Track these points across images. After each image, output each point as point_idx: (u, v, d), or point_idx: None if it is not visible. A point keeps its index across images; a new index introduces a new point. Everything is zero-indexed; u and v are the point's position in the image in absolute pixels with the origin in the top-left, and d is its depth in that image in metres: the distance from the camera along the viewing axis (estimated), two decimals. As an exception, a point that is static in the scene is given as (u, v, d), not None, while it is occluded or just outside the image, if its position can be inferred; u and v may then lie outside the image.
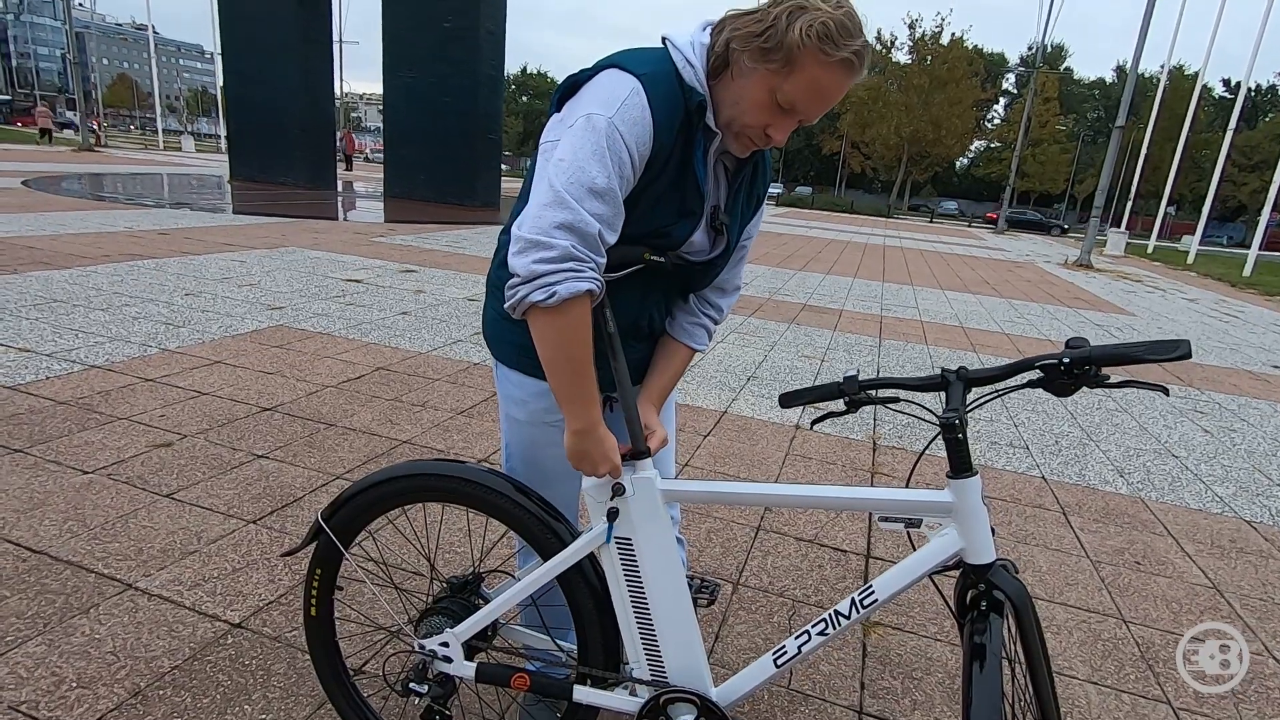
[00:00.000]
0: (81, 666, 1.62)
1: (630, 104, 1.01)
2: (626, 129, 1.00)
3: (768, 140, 1.08)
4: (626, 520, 1.17)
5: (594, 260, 1.01)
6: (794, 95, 1.02)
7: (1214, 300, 12.81)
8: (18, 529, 2.13)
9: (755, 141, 1.09)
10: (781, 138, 1.07)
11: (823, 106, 1.04)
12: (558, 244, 0.97)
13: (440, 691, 1.30)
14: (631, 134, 1.01)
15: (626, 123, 1.00)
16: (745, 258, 1.36)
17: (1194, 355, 7.12)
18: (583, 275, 0.99)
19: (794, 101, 1.02)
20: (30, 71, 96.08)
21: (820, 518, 2.73)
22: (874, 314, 7.46)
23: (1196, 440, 4.22)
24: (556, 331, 1.02)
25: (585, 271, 0.99)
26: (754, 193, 1.26)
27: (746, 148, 1.11)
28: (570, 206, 0.98)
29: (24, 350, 3.71)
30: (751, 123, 1.06)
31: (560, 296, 0.98)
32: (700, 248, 1.22)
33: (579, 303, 1.00)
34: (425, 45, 14.16)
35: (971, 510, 1.03)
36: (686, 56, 1.06)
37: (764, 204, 1.31)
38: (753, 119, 1.06)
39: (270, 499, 2.46)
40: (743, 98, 1.05)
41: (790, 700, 1.75)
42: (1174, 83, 35.06)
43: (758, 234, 1.36)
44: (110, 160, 21.95)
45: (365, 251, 8.21)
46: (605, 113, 1.00)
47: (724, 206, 1.20)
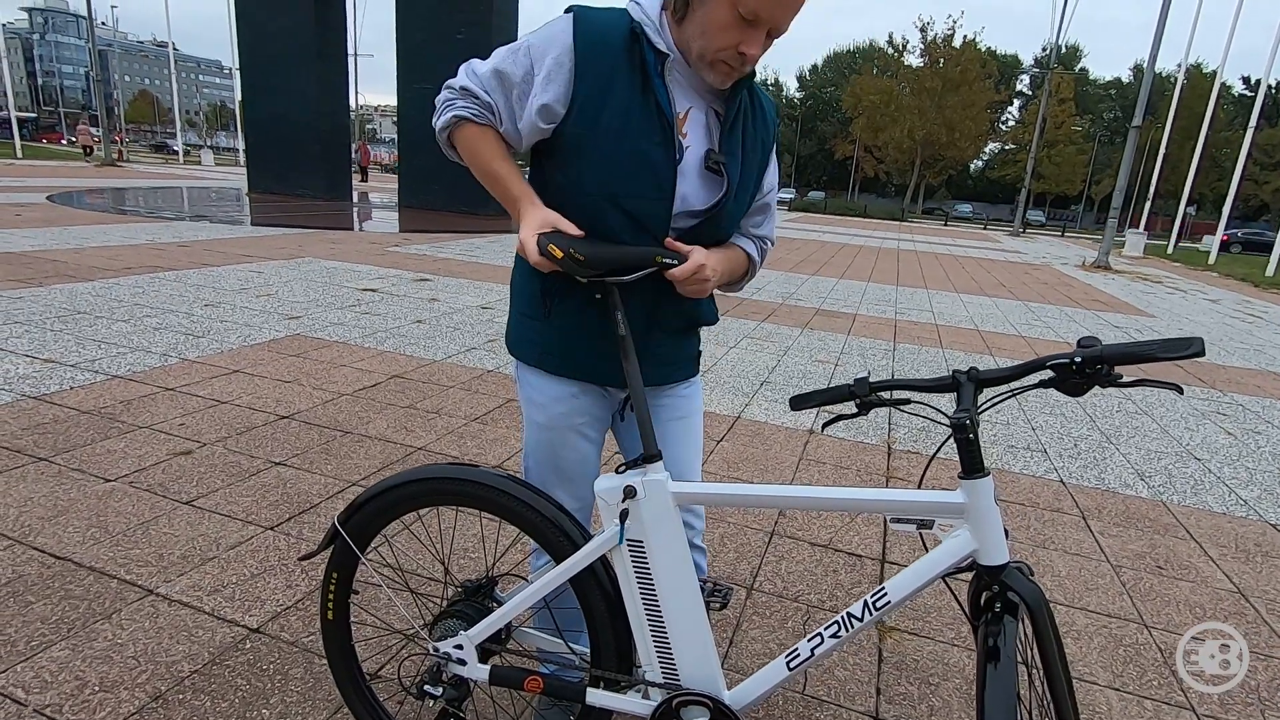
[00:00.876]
0: (104, 671, 1.65)
1: (549, 26, 1.18)
2: (536, 40, 1.18)
3: (743, 60, 1.11)
4: (638, 522, 1.18)
5: (463, 98, 1.21)
6: (754, 3, 1.05)
7: (1236, 301, 12.61)
8: (42, 536, 2.17)
9: (731, 64, 1.12)
10: (756, 51, 1.10)
11: (785, 9, 1.08)
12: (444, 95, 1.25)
13: (455, 694, 1.31)
14: (540, 44, 1.16)
15: (538, 37, 1.18)
16: (772, 209, 1.37)
17: (1217, 357, 7.04)
18: (452, 106, 1.22)
19: (755, 10, 1.06)
20: (55, 89, 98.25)
21: (834, 522, 2.71)
22: (888, 318, 7.41)
23: (1219, 442, 4.15)
24: (464, 157, 1.27)
25: (455, 103, 1.22)
26: (757, 134, 1.26)
27: (726, 75, 1.14)
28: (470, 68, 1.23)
29: (49, 361, 3.79)
30: (722, 44, 1.10)
31: (438, 127, 1.24)
32: (701, 195, 1.22)
33: (462, 130, 1.23)
34: (439, 57, 14.30)
35: (984, 511, 1.02)
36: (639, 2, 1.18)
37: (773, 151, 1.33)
38: (722, 40, 1.09)
39: (288, 506, 2.49)
40: (708, 24, 1.09)
41: (806, 706, 1.74)
42: (1192, 81, 34.65)
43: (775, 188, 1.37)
44: (132, 175, 22.37)
45: (380, 261, 8.30)
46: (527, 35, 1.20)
47: (719, 148, 1.21)
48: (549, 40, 1.15)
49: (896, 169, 53.35)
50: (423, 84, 14.70)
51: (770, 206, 1.37)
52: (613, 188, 1.17)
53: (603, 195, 1.17)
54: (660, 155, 1.16)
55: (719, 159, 1.20)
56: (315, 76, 15.90)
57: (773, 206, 1.38)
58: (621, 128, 1.15)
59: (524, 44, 1.18)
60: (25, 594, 1.89)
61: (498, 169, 1.23)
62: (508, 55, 1.19)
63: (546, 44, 1.15)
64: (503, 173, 1.22)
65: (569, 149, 1.18)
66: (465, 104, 1.21)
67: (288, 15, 15.60)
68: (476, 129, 1.22)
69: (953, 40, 47.73)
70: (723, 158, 1.21)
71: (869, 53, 60.42)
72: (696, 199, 1.22)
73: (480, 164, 1.24)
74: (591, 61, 1.14)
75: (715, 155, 1.20)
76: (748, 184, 1.27)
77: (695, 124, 1.21)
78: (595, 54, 1.14)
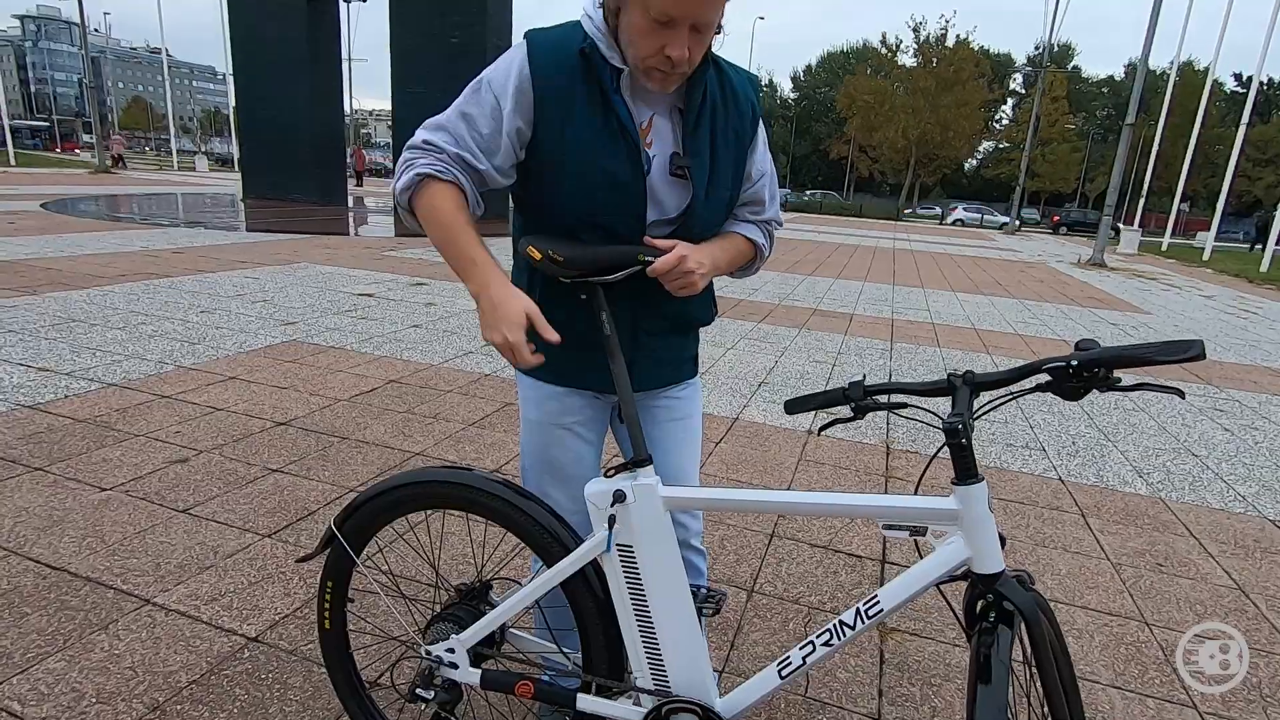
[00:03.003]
0: (101, 682, 1.64)
1: (504, 58, 1.17)
2: (493, 75, 1.16)
3: (671, 63, 1.07)
4: (627, 527, 1.17)
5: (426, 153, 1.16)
6: (661, 3, 1.02)
7: (1231, 297, 12.64)
8: (38, 546, 2.15)
9: (663, 69, 1.08)
10: (680, 52, 1.05)
11: (697, 3, 1.02)
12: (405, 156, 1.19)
13: (447, 698, 1.31)
14: (499, 79, 1.15)
15: (495, 71, 1.16)
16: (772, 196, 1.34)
17: (1214, 353, 7.04)
18: (413, 165, 1.17)
19: (665, 9, 1.02)
20: (48, 96, 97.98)
21: (834, 524, 2.71)
22: (885, 317, 7.42)
23: (1217, 439, 4.16)
24: (421, 219, 1.19)
25: (417, 161, 1.16)
26: (729, 125, 1.22)
27: (662, 82, 1.11)
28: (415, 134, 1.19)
29: (43, 370, 3.77)
30: (646, 51, 1.07)
31: (399, 188, 1.18)
32: (665, 198, 1.20)
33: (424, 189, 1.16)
34: (433, 61, 14.31)
35: (977, 518, 1.01)
36: (587, 11, 1.15)
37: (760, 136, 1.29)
38: (646, 47, 1.06)
39: (285, 513, 2.47)
40: (631, 31, 1.07)
41: (808, 708, 1.73)
42: (1184, 78, 34.73)
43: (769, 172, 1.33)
44: (126, 182, 22.31)
45: (376, 266, 8.28)
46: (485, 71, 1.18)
47: (684, 150, 1.18)
48: (506, 72, 1.14)
49: (891, 168, 53.47)
50: (416, 88, 14.69)
51: (765, 192, 1.33)
52: (586, 207, 1.17)
53: (577, 215, 1.18)
54: (628, 172, 1.15)
55: (683, 163, 1.18)
56: (309, 82, 15.89)
57: (767, 191, 1.34)
58: (587, 149, 1.14)
59: (483, 80, 1.17)
60: (21, 605, 1.88)
61: (459, 229, 1.15)
62: (470, 96, 1.17)
63: (504, 76, 1.14)
64: (466, 235, 1.15)
65: (540, 173, 1.18)
66: (428, 161, 1.16)
67: (281, 21, 15.60)
68: (441, 186, 1.16)
69: (946, 40, 47.90)
70: (687, 161, 1.18)
71: (863, 53, 60.57)
72: (668, 206, 1.21)
73: (442, 222, 1.15)
74: (550, 87, 1.13)
75: (679, 159, 1.18)
76: (721, 181, 1.24)
77: (659, 130, 1.18)
78: (552, 79, 1.13)
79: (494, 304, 1.11)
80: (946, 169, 54.12)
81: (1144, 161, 31.99)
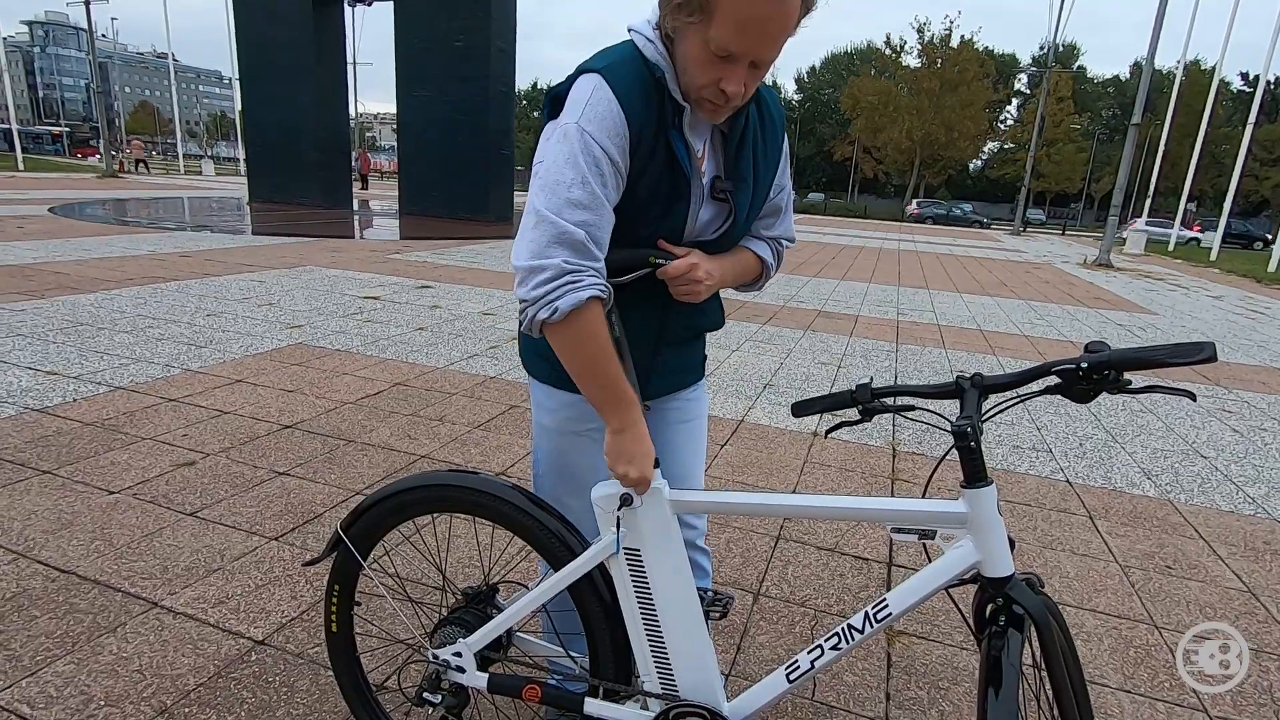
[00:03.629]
0: (109, 685, 1.64)
1: (595, 100, 1.03)
2: (596, 126, 1.02)
3: (725, 97, 1.03)
4: (635, 531, 1.17)
5: (589, 267, 1.04)
6: (723, 38, 0.97)
7: (1239, 297, 12.57)
8: (46, 549, 2.16)
9: (715, 101, 1.05)
10: (736, 88, 1.02)
11: (762, 40, 0.98)
12: (550, 263, 1.01)
13: (454, 701, 1.30)
14: (602, 129, 1.02)
15: (595, 119, 1.02)
16: (787, 208, 1.33)
17: (1222, 354, 7.00)
18: (581, 285, 1.02)
19: (726, 44, 0.97)
20: (56, 101, 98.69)
21: (841, 526, 2.70)
22: (890, 319, 7.40)
23: (1226, 440, 4.13)
24: (572, 343, 1.06)
25: (584, 280, 1.02)
26: (767, 148, 1.21)
27: (713, 113, 1.08)
28: (553, 222, 1.01)
29: (52, 373, 3.79)
30: (702, 82, 1.03)
31: (563, 311, 1.02)
32: (710, 224, 1.20)
33: (585, 311, 1.03)
34: (437, 64, 14.35)
35: (987, 521, 1.00)
36: (646, 35, 1.08)
37: (784, 152, 1.27)
38: (701, 78, 1.03)
39: (292, 516, 2.48)
40: (687, 61, 1.03)
41: (815, 712, 1.73)
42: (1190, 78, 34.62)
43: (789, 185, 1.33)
44: (133, 185, 22.43)
45: (382, 269, 8.31)
46: (573, 118, 1.03)
47: (724, 173, 1.17)
48: (606, 118, 1.03)
49: (896, 169, 53.39)
50: (421, 91, 14.74)
51: (783, 207, 1.33)
52: (636, 235, 1.14)
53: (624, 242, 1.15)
54: (681, 213, 1.15)
55: (725, 187, 1.17)
56: (314, 85, 15.96)
57: (785, 206, 1.34)
58: (651, 191, 1.11)
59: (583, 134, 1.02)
60: (30, 608, 1.88)
61: (612, 361, 1.08)
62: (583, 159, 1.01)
63: (606, 124, 1.03)
64: (617, 369, 1.09)
65: None
66: (593, 279, 1.02)
67: (286, 25, 15.67)
68: (598, 308, 1.04)
69: (950, 40, 47.82)
70: (729, 185, 1.17)
71: (867, 54, 60.52)
72: (706, 230, 1.20)
73: (595, 356, 1.06)
74: (642, 132, 1.06)
75: (722, 184, 1.16)
76: (757, 205, 1.24)
77: (708, 155, 1.18)
78: (641, 122, 1.06)
79: (637, 441, 1.12)
80: (951, 170, 53.97)
81: (1150, 161, 31.84)
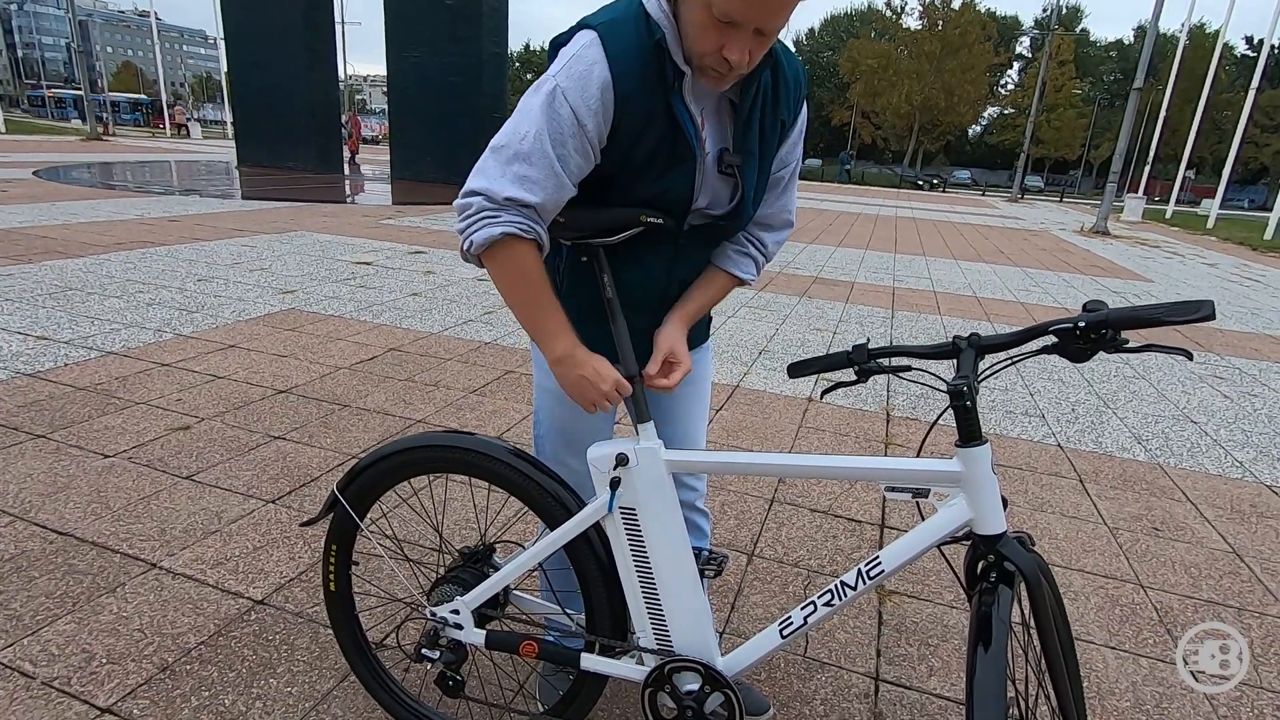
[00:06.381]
0: (110, 643, 1.66)
1: (581, 57, 1.01)
2: (572, 85, 1.01)
3: (727, 65, 0.99)
4: (630, 490, 1.17)
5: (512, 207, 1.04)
6: (725, 2, 0.93)
7: (1234, 264, 12.58)
8: (43, 512, 2.17)
9: (718, 69, 1.01)
10: (739, 56, 0.97)
11: (765, 8, 0.94)
12: (473, 200, 1.05)
13: (452, 658, 1.33)
14: (578, 89, 1.01)
15: (574, 78, 1.01)
16: (791, 188, 1.27)
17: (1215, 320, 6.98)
18: (497, 220, 1.04)
19: (728, 9, 0.93)
20: (36, 61, 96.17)
21: (834, 489, 2.72)
22: (886, 285, 7.39)
23: (1216, 405, 4.17)
24: (496, 276, 1.10)
25: (501, 217, 1.04)
26: (778, 117, 1.15)
27: (716, 81, 1.04)
28: (484, 173, 1.05)
29: (42, 338, 3.76)
30: (704, 49, 0.99)
31: (477, 244, 1.05)
32: (719, 198, 1.16)
33: (504, 246, 1.06)
34: (428, 25, 14.00)
35: (981, 479, 1.01)
36: None
37: (800, 124, 1.20)
38: (703, 44, 0.98)
39: (288, 479, 2.49)
40: (690, 26, 0.99)
41: (807, 668, 1.76)
42: (1194, 42, 34.11)
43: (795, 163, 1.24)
44: (118, 149, 22.02)
45: (374, 234, 8.22)
46: (554, 72, 1.03)
47: (734, 146, 1.13)
48: (584, 79, 1.00)
49: (894, 135, 52.77)
50: (413, 53, 14.41)
51: (784, 184, 1.24)
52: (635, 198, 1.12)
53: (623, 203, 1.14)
54: (682, 178, 1.11)
55: (733, 160, 1.12)
56: (303, 46, 15.55)
57: (786, 183, 1.25)
58: (650, 161, 1.08)
59: (556, 90, 1.01)
60: (29, 569, 1.89)
61: (541, 293, 1.10)
62: (546, 114, 1.01)
63: (581, 85, 1.00)
64: (547, 301, 1.11)
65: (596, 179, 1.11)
66: (512, 216, 1.04)
67: (272, -18, 15.22)
68: (523, 246, 1.06)
69: (951, 2, 46.86)
70: (737, 159, 1.12)
71: (867, 16, 59.38)
72: (716, 204, 1.17)
73: (518, 288, 1.10)
74: (631, 96, 1.03)
75: (729, 157, 1.12)
76: (763, 181, 1.19)
77: (710, 123, 1.12)
78: (632, 85, 1.02)
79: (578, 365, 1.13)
80: (950, 135, 53.38)
81: (1151, 128, 31.54)
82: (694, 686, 1.22)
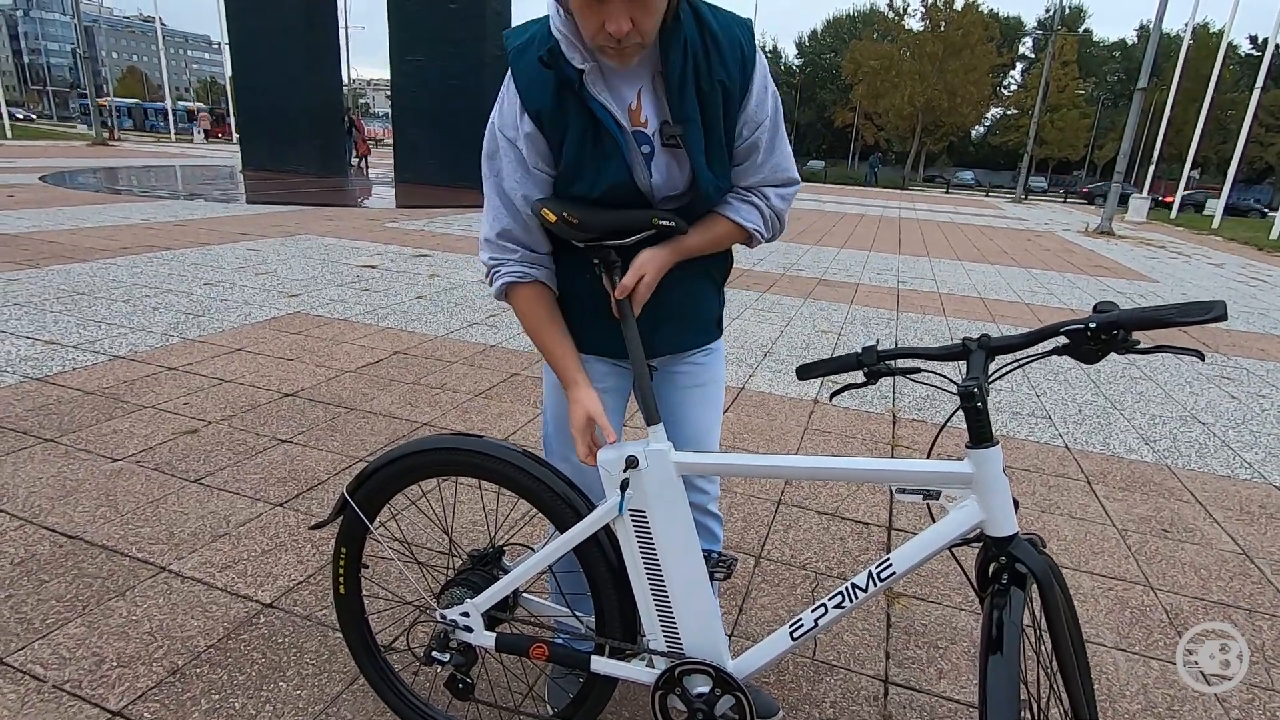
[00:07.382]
0: (121, 646, 1.66)
1: (502, 95, 1.15)
2: (498, 117, 1.17)
3: (611, 38, 1.00)
4: (640, 492, 1.17)
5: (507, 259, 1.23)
6: None
7: (1240, 265, 12.53)
8: (53, 515, 2.18)
9: (608, 44, 1.01)
10: (617, 26, 0.98)
11: None
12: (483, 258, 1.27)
13: (462, 660, 1.33)
14: (507, 120, 1.15)
15: (502, 112, 1.16)
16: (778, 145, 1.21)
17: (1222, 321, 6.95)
18: (500, 274, 1.24)
19: None
20: (41, 67, 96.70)
21: (841, 491, 2.72)
22: (890, 287, 7.38)
23: (1224, 406, 4.15)
24: (518, 315, 1.27)
25: (502, 270, 1.23)
26: (714, 78, 1.10)
27: (616, 56, 1.04)
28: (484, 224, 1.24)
29: (50, 343, 3.77)
30: (591, 30, 1.01)
31: (495, 295, 1.27)
32: (673, 177, 1.16)
33: (511, 293, 1.24)
34: (431, 28, 14.05)
35: (992, 481, 1.01)
36: (554, 4, 1.07)
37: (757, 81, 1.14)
38: (589, 26, 1.01)
39: (295, 482, 2.49)
40: (576, 15, 1.02)
41: (815, 670, 1.76)
42: (1198, 41, 33.99)
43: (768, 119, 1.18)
44: (123, 154, 22.11)
45: (378, 237, 8.24)
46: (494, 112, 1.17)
47: (672, 116, 1.11)
48: (509, 109, 1.14)
49: (897, 136, 52.67)
50: (416, 56, 14.45)
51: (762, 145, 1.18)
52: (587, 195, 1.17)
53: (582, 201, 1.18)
54: (618, 164, 1.13)
55: (674, 131, 1.11)
56: (306, 50, 15.62)
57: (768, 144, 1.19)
58: (586, 160, 1.13)
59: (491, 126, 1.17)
60: (39, 573, 1.90)
61: (551, 344, 1.25)
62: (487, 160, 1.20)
63: (507, 114, 1.15)
64: (556, 349, 1.24)
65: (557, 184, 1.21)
66: (510, 268, 1.22)
67: (276, -13, 15.27)
68: (526, 291, 1.23)
69: (954, 3, 46.80)
70: (678, 129, 1.10)
71: (869, 17, 59.28)
72: (677, 182, 1.17)
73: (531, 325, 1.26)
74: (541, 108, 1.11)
75: (670, 128, 1.11)
76: (716, 145, 1.15)
77: (648, 103, 1.12)
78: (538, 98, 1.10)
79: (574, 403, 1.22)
80: (953, 136, 53.27)
81: (1155, 128, 31.44)
82: (704, 689, 1.22)
